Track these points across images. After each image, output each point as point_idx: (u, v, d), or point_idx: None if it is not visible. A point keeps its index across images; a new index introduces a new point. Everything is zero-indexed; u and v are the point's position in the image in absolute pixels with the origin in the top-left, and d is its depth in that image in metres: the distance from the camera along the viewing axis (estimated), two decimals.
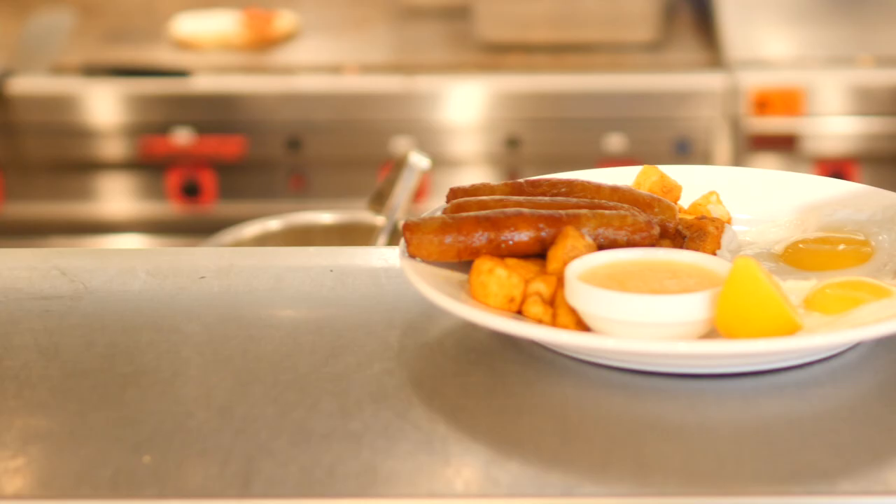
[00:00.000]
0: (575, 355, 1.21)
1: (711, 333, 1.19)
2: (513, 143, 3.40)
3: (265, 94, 3.39)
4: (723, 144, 3.35)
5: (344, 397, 1.16)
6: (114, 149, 3.40)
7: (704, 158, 3.36)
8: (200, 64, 3.48)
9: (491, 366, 1.21)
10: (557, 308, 1.21)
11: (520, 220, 1.25)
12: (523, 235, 1.25)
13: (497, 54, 3.56)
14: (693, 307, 1.16)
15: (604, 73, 3.45)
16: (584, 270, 1.21)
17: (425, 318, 1.28)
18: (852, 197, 1.41)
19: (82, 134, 3.40)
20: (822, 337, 1.15)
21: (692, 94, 3.37)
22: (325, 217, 2.17)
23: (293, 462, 1.08)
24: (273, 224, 2.00)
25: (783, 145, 3.34)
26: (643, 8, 3.55)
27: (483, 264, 1.23)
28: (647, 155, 3.36)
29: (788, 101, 3.32)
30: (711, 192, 1.41)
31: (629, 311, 1.16)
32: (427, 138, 3.40)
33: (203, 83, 3.39)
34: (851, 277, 1.26)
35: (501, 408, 1.15)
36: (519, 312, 1.22)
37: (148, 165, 3.42)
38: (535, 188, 1.34)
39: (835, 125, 3.33)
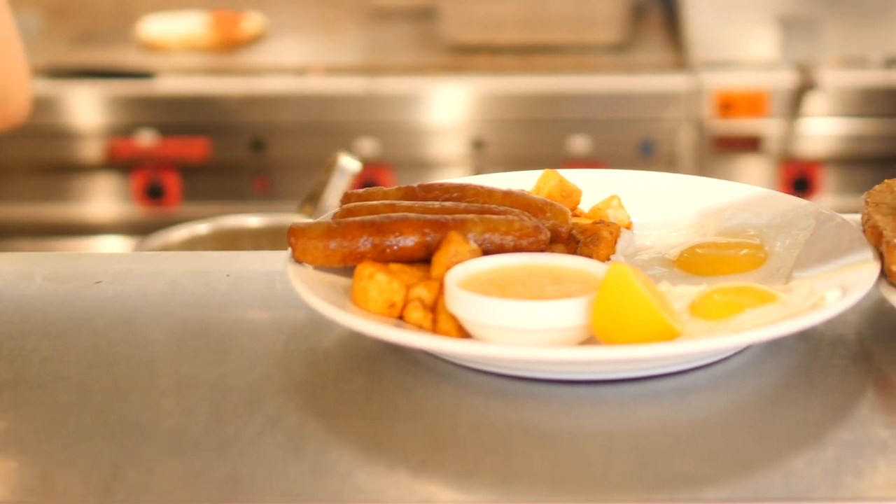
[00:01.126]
0: (455, 361, 1.20)
1: (593, 339, 1.18)
2: (478, 144, 3.39)
3: (229, 95, 3.39)
4: (687, 146, 3.34)
5: (220, 403, 1.16)
6: (79, 151, 3.40)
7: (669, 160, 3.35)
8: (168, 66, 3.48)
9: (371, 371, 1.21)
10: (438, 314, 1.20)
11: (405, 225, 1.24)
12: (408, 240, 1.24)
13: (463, 56, 3.55)
14: (570, 313, 1.15)
15: (569, 74, 3.44)
16: (466, 276, 1.20)
17: (313, 323, 1.28)
18: (752, 201, 1.40)
19: (47, 136, 3.40)
20: (695, 343, 1.14)
21: (657, 95, 3.36)
22: (253, 220, 2.17)
23: (159, 469, 1.07)
24: (201, 228, 1.99)
25: (747, 147, 3.33)
26: (610, 9, 3.54)
27: (364, 270, 1.22)
28: (612, 157, 3.36)
29: (752, 103, 3.31)
30: (613, 197, 1.41)
31: (506, 318, 1.15)
32: (392, 140, 3.40)
33: (167, 85, 3.39)
34: (739, 283, 1.25)
35: (376, 414, 1.15)
36: (401, 318, 1.22)
37: (113, 167, 3.42)
38: (428, 193, 1.33)
39: (799, 127, 3.32)
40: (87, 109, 3.38)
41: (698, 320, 1.21)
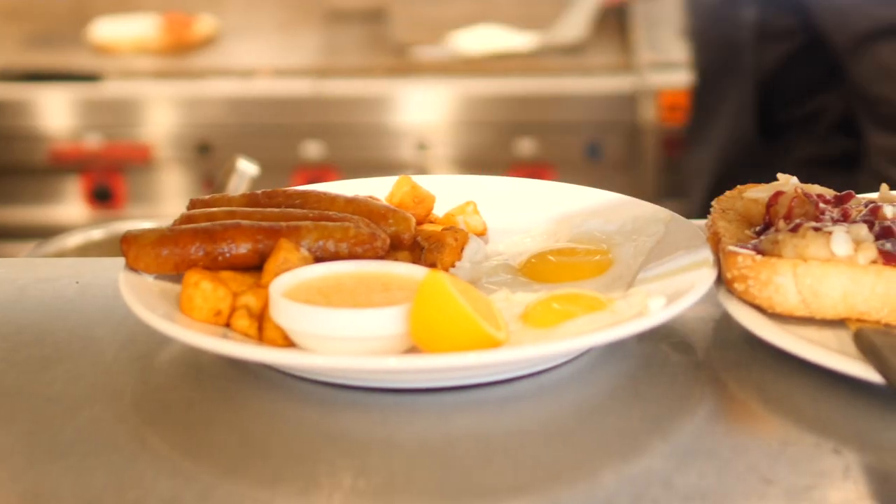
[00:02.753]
0: (281, 369, 1.19)
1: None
2: (425, 147, 3.39)
3: (175, 98, 3.39)
4: (634, 148, 3.33)
5: (39, 412, 1.15)
6: (26, 153, 3.40)
7: (615, 163, 3.34)
8: (118, 68, 3.48)
9: (198, 379, 1.20)
10: (265, 322, 1.20)
11: (237, 232, 1.24)
12: (241, 248, 1.24)
13: (412, 58, 3.54)
14: (389, 322, 1.15)
15: (517, 77, 3.43)
16: (294, 284, 1.20)
17: (150, 332, 1.26)
18: (604, 207, 1.40)
19: None
20: (504, 353, 1.13)
21: (604, 97, 3.35)
22: (148, 225, 2.15)
23: None
24: (96, 233, 1.99)
25: None
26: (562, 12, 3.53)
27: (190, 277, 1.22)
28: (558, 159, 3.35)
29: None
30: (468, 203, 1.40)
31: (324, 326, 1.15)
32: (339, 143, 3.39)
33: (113, 88, 3.39)
34: (575, 290, 1.24)
35: (193, 422, 1.14)
36: (228, 326, 1.21)
37: (61, 170, 3.42)
38: (271, 199, 1.33)
39: None
40: (35, 112, 3.38)
41: (528, 328, 1.20)
